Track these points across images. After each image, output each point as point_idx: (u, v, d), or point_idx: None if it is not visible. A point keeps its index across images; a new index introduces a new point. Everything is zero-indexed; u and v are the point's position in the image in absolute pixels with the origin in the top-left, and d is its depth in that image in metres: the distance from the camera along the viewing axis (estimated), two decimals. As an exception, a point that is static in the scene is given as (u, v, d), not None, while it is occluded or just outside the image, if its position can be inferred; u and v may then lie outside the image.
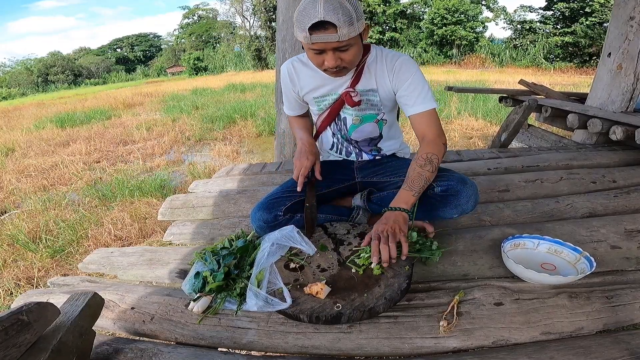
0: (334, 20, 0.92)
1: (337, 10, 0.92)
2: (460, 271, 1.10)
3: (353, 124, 1.28)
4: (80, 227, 2.63)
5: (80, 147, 5.50)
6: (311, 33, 0.95)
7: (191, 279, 1.02)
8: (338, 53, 1.01)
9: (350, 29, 0.95)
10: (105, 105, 10.78)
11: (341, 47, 0.99)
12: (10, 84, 38.99)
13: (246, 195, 1.73)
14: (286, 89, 1.32)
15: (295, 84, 1.26)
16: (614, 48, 2.35)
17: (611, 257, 1.12)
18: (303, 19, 0.95)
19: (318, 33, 0.95)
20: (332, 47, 0.98)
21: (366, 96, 1.21)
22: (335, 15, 0.92)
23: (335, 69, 1.05)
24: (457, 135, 4.81)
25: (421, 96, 1.12)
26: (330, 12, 0.92)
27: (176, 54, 41.93)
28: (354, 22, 0.95)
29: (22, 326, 0.63)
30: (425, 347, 0.86)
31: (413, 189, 1.05)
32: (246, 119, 6.74)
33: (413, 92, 1.13)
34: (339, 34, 0.94)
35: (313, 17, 0.92)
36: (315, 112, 1.33)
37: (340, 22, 0.93)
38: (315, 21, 0.92)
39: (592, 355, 0.79)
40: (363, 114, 1.25)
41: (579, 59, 17.95)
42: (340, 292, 0.93)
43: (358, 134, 1.31)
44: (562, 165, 1.98)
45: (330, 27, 0.94)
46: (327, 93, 1.24)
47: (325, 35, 0.95)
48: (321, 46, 0.98)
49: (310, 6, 0.94)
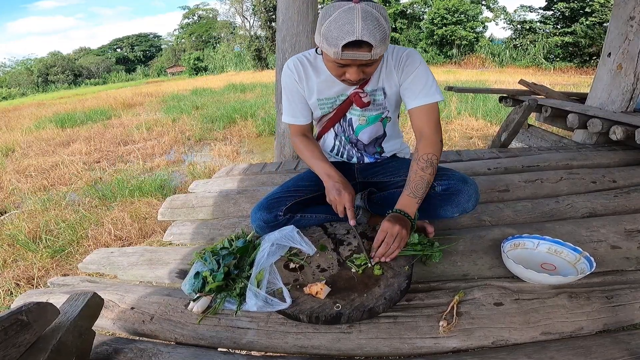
0: (371, 40, 0.87)
1: (375, 30, 0.87)
2: (460, 271, 1.10)
3: (360, 124, 1.26)
4: (80, 227, 2.63)
5: (80, 147, 5.50)
6: (343, 50, 0.89)
7: (191, 279, 1.02)
8: (362, 67, 0.98)
9: (383, 47, 0.91)
10: (105, 106, 10.78)
11: (368, 63, 0.97)
12: (10, 84, 38.99)
13: (246, 195, 1.73)
14: (290, 89, 1.21)
15: (303, 81, 1.19)
16: (614, 48, 2.35)
17: (611, 257, 1.12)
18: (336, 34, 0.88)
19: (351, 51, 0.90)
20: (362, 63, 0.95)
21: (373, 96, 1.19)
22: (373, 35, 0.87)
23: (357, 81, 1.02)
24: (457, 135, 4.81)
25: (425, 89, 1.11)
26: (367, 32, 0.86)
27: (176, 54, 41.94)
28: (387, 40, 0.91)
29: (22, 326, 0.63)
30: (425, 347, 0.86)
31: (417, 195, 1.05)
32: (246, 119, 6.74)
33: (417, 85, 1.11)
34: (373, 53, 0.90)
35: (349, 34, 0.86)
36: (317, 114, 1.28)
37: (377, 42, 0.88)
38: (351, 40, 0.87)
39: (592, 355, 0.79)
40: (369, 114, 1.24)
41: (579, 59, 17.94)
42: (340, 292, 0.93)
43: (365, 135, 1.29)
44: (562, 165, 1.98)
45: (364, 46, 0.89)
46: (334, 95, 1.20)
47: (359, 53, 0.90)
48: (348, 62, 0.95)
49: (345, 21, 0.86)
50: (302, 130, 1.29)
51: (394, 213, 1.04)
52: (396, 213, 1.03)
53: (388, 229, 0.99)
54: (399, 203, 1.06)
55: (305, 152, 1.25)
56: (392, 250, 0.99)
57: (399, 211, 1.04)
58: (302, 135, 1.29)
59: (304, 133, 1.29)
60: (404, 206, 1.05)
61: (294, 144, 1.30)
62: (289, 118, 1.27)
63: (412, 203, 1.05)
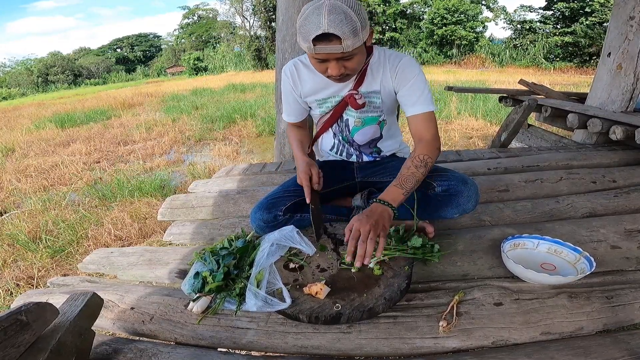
0: (338, 32, 0.89)
1: (341, 22, 0.88)
2: (460, 271, 1.10)
3: (355, 126, 1.27)
4: (80, 227, 2.62)
5: (80, 147, 5.50)
6: (315, 44, 0.92)
7: (191, 279, 1.02)
8: (342, 62, 0.99)
9: (354, 40, 0.92)
10: (105, 106, 10.78)
11: (345, 57, 0.97)
12: (10, 84, 38.98)
13: (246, 195, 1.73)
14: (287, 92, 1.28)
15: (297, 86, 1.24)
16: (614, 48, 2.35)
17: (611, 257, 1.12)
18: (306, 29, 0.91)
19: (321, 44, 0.92)
20: (336, 57, 0.97)
21: (369, 98, 1.20)
22: (340, 27, 0.88)
23: (339, 76, 1.03)
24: (457, 135, 4.81)
25: (422, 97, 1.12)
26: (334, 24, 0.88)
27: (176, 54, 41.93)
28: (359, 33, 0.92)
29: (21, 326, 0.63)
30: (425, 347, 0.86)
31: (404, 187, 1.03)
32: (246, 119, 6.74)
33: (414, 93, 1.12)
34: (343, 45, 0.91)
35: (316, 28, 0.89)
36: (317, 114, 1.32)
37: (345, 34, 0.89)
38: (318, 33, 0.89)
39: (592, 355, 0.79)
40: (365, 116, 1.24)
41: (579, 59, 17.93)
42: (339, 292, 0.93)
43: (360, 136, 1.29)
44: (562, 165, 1.98)
45: (334, 39, 0.91)
46: (330, 95, 1.22)
47: (329, 46, 0.92)
48: (324, 56, 0.97)
49: (313, 16, 0.90)
50: (296, 123, 1.40)
51: (374, 203, 1.00)
52: (377, 203, 1.00)
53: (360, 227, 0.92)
54: (384, 194, 1.03)
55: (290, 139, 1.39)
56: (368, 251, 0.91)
57: (381, 201, 1.00)
58: (295, 126, 1.41)
59: (298, 125, 1.41)
60: (387, 196, 1.02)
61: (287, 131, 1.44)
62: (286, 116, 1.38)
63: (398, 194, 1.02)
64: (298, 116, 1.35)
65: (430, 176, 1.19)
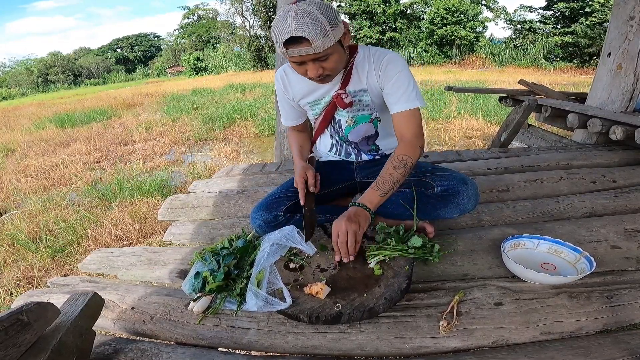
0: (305, 34, 0.90)
1: (308, 24, 0.90)
2: (460, 271, 1.10)
3: (347, 125, 1.28)
4: (80, 227, 2.63)
5: (80, 147, 5.50)
6: (287, 48, 0.94)
7: (191, 279, 1.02)
8: (319, 63, 1.01)
9: (325, 40, 0.93)
10: (105, 106, 10.78)
11: (321, 57, 0.99)
12: (10, 84, 39.00)
13: (246, 196, 1.73)
14: (281, 97, 1.32)
15: (289, 91, 1.27)
16: (614, 48, 2.35)
17: (611, 257, 1.12)
18: (277, 34, 0.94)
19: (293, 47, 0.94)
20: (311, 58, 0.98)
21: (357, 97, 1.20)
22: (307, 29, 0.90)
23: (319, 77, 1.04)
24: (457, 135, 4.81)
25: (405, 94, 1.11)
26: (301, 27, 0.90)
27: (176, 54, 41.92)
28: (328, 33, 0.93)
29: (22, 326, 0.63)
30: (425, 347, 0.86)
31: (381, 189, 1.04)
32: (246, 119, 6.74)
33: (398, 90, 1.12)
34: (314, 46, 0.93)
35: (285, 32, 0.91)
36: (312, 116, 1.34)
37: (313, 35, 0.91)
38: (287, 37, 0.91)
39: (592, 355, 0.79)
40: (356, 115, 1.25)
41: (579, 59, 17.95)
42: (340, 292, 0.93)
43: (354, 135, 1.30)
44: (562, 165, 1.98)
45: (304, 41, 0.92)
46: (320, 97, 1.24)
47: (300, 49, 0.94)
48: (299, 59, 0.98)
49: (282, 21, 0.92)
50: (296, 127, 1.42)
51: (352, 207, 1.03)
52: (356, 206, 1.02)
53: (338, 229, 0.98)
54: (362, 196, 1.05)
55: (291, 145, 1.41)
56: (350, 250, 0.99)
57: (360, 204, 1.02)
58: (294, 131, 1.44)
59: (298, 129, 1.43)
60: (365, 199, 1.04)
61: (287, 135, 1.47)
62: (284, 121, 1.41)
63: (374, 195, 1.04)
64: (296, 119, 1.38)
65: (430, 176, 1.19)
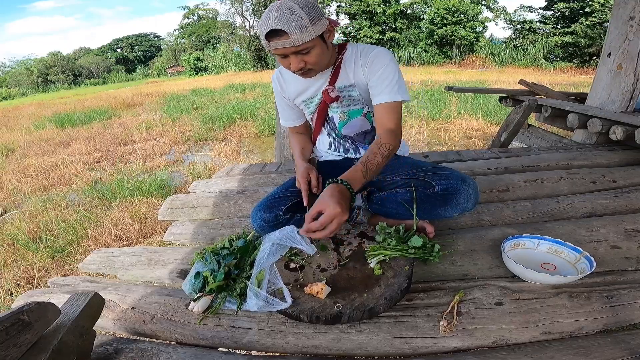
0: (284, 27, 0.95)
1: (286, 18, 0.95)
2: (460, 271, 1.10)
3: (340, 120, 1.31)
4: (80, 227, 2.63)
5: (80, 147, 5.50)
6: (269, 41, 1.00)
7: (191, 279, 1.02)
8: (300, 56, 1.04)
9: (303, 34, 0.98)
10: (105, 106, 10.78)
11: (301, 51, 1.02)
12: (10, 84, 39.00)
13: (246, 195, 1.73)
14: (278, 97, 1.36)
15: (285, 90, 1.31)
16: (614, 48, 2.35)
17: (611, 257, 1.12)
18: (260, 28, 1.00)
19: (274, 40, 0.99)
20: (292, 51, 1.02)
21: (346, 92, 1.23)
22: (285, 23, 0.95)
23: (300, 71, 1.08)
24: (457, 135, 4.81)
25: (389, 87, 1.12)
26: (280, 21, 0.95)
27: (176, 54, 41.91)
28: (308, 27, 0.98)
29: (23, 326, 0.63)
30: (426, 347, 0.86)
31: (367, 174, 1.03)
32: (246, 119, 6.74)
33: (382, 83, 1.13)
34: (292, 39, 0.97)
35: (267, 26, 0.97)
36: (308, 115, 1.37)
37: (291, 28, 0.96)
38: (267, 30, 0.97)
39: (592, 355, 0.79)
40: (348, 110, 1.28)
41: (579, 59, 17.96)
42: (340, 292, 0.93)
43: (348, 129, 1.32)
44: (562, 165, 1.98)
45: (283, 34, 0.97)
46: (312, 95, 1.28)
47: (280, 41, 0.99)
48: (281, 52, 1.02)
49: (264, 16, 0.98)
50: (296, 129, 1.45)
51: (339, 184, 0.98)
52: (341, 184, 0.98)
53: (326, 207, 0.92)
54: (348, 174, 1.01)
55: (292, 148, 1.43)
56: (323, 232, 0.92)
57: (345, 182, 0.99)
58: (296, 133, 1.46)
59: (299, 131, 1.46)
60: (351, 178, 1.00)
61: (289, 137, 1.51)
62: (283, 121, 1.43)
63: (360, 178, 1.02)
64: (294, 120, 1.41)
65: (430, 175, 1.19)
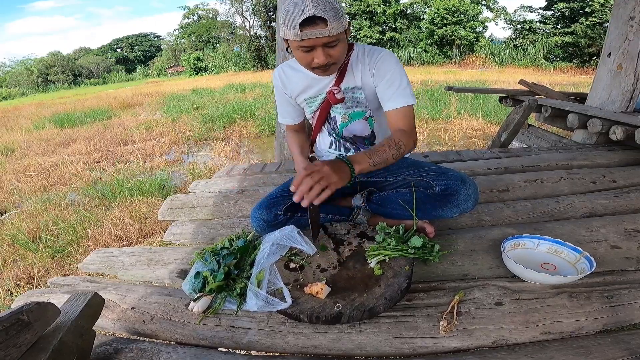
0: (323, 14, 0.93)
1: (325, 6, 0.93)
2: (460, 271, 1.10)
3: (342, 122, 1.29)
4: (80, 227, 2.62)
5: (80, 147, 5.50)
6: (302, 29, 0.96)
7: (191, 279, 1.02)
8: (327, 49, 1.02)
9: (338, 24, 0.97)
10: (105, 105, 10.78)
11: (330, 43, 1.00)
12: (10, 84, 38.98)
13: (246, 195, 1.73)
14: (279, 94, 1.34)
15: (287, 87, 1.29)
16: (614, 48, 2.35)
17: (611, 257, 1.12)
18: (292, 16, 0.95)
19: (309, 29, 0.96)
20: (322, 42, 0.99)
21: (351, 94, 1.22)
22: (324, 10, 0.93)
23: (325, 66, 1.05)
24: (457, 135, 4.81)
25: (399, 91, 1.12)
26: (319, 7, 0.93)
27: (176, 54, 41.91)
28: (341, 17, 0.97)
29: (23, 326, 0.63)
30: (425, 347, 0.86)
31: (373, 159, 1.02)
32: (246, 119, 6.74)
33: (391, 87, 1.13)
34: (330, 28, 0.95)
35: (303, 13, 0.93)
36: (309, 114, 1.35)
37: (330, 16, 0.94)
38: (305, 17, 0.93)
39: (592, 355, 0.79)
40: (350, 112, 1.27)
41: (579, 59, 17.96)
42: (340, 292, 0.93)
43: (348, 131, 1.32)
44: (562, 165, 1.98)
45: (320, 23, 0.95)
46: (316, 94, 1.26)
47: (316, 30, 0.96)
48: (311, 42, 0.99)
49: (298, 3, 0.95)
50: (293, 127, 1.42)
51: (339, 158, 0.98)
52: (341, 159, 0.98)
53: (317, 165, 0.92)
54: (352, 155, 1.02)
55: (290, 147, 1.40)
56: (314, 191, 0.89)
57: (346, 160, 0.98)
58: (293, 131, 1.43)
59: (296, 129, 1.43)
60: (354, 158, 0.99)
61: (287, 136, 1.45)
62: (281, 119, 1.41)
63: (364, 161, 1.00)
64: (294, 117, 1.39)
65: (429, 176, 1.19)
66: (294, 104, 1.34)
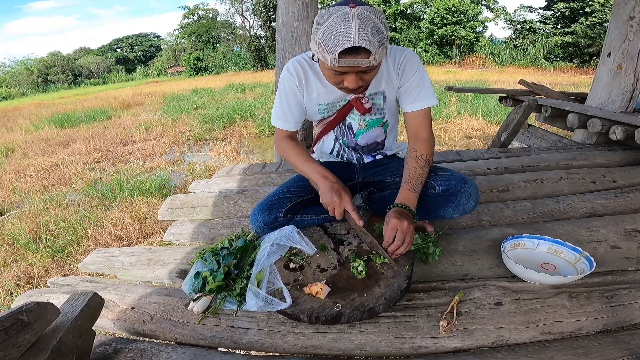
0: (368, 46, 0.84)
1: (372, 36, 0.83)
2: (460, 271, 1.10)
3: (359, 129, 1.25)
4: (80, 227, 2.62)
5: (80, 147, 5.50)
6: (340, 57, 0.86)
7: (191, 279, 1.02)
8: (361, 74, 0.95)
9: (381, 54, 0.88)
10: (105, 105, 10.78)
11: (367, 70, 0.94)
12: (10, 84, 38.96)
13: (246, 195, 1.73)
14: (289, 92, 1.16)
15: (303, 86, 1.14)
16: (614, 48, 2.35)
17: (611, 257, 1.12)
18: (332, 42, 0.85)
19: (348, 57, 0.86)
20: (360, 70, 0.92)
21: (373, 100, 1.17)
22: (371, 41, 0.84)
23: (355, 89, 0.99)
24: (457, 135, 4.81)
25: (422, 93, 1.12)
26: (365, 38, 0.83)
27: (176, 54, 41.88)
28: (385, 45, 0.88)
29: (22, 326, 0.63)
30: (425, 347, 0.86)
31: (417, 190, 1.09)
32: (246, 119, 6.74)
33: (415, 89, 1.13)
34: (371, 59, 0.87)
35: (345, 41, 0.83)
36: (317, 117, 1.25)
37: (375, 47, 0.85)
38: (348, 46, 0.83)
39: (592, 355, 0.79)
40: (369, 119, 1.22)
41: (579, 59, 17.95)
42: (340, 292, 0.93)
43: (365, 139, 1.28)
44: (562, 165, 1.98)
45: (362, 52, 0.86)
46: (334, 100, 1.18)
47: (356, 60, 0.87)
48: (348, 69, 0.92)
49: (340, 27, 0.83)
50: (290, 134, 1.25)
51: (397, 208, 1.04)
52: (400, 207, 1.04)
53: (397, 225, 0.99)
54: (401, 197, 1.07)
55: (293, 156, 1.22)
56: (405, 246, 0.99)
57: (402, 205, 1.04)
58: (288, 138, 1.25)
59: (291, 136, 1.26)
60: (406, 200, 1.06)
61: (280, 146, 1.26)
62: (280, 122, 1.22)
63: (413, 197, 1.08)
64: (297, 122, 1.23)
65: (431, 176, 1.19)
66: (303, 104, 1.20)
